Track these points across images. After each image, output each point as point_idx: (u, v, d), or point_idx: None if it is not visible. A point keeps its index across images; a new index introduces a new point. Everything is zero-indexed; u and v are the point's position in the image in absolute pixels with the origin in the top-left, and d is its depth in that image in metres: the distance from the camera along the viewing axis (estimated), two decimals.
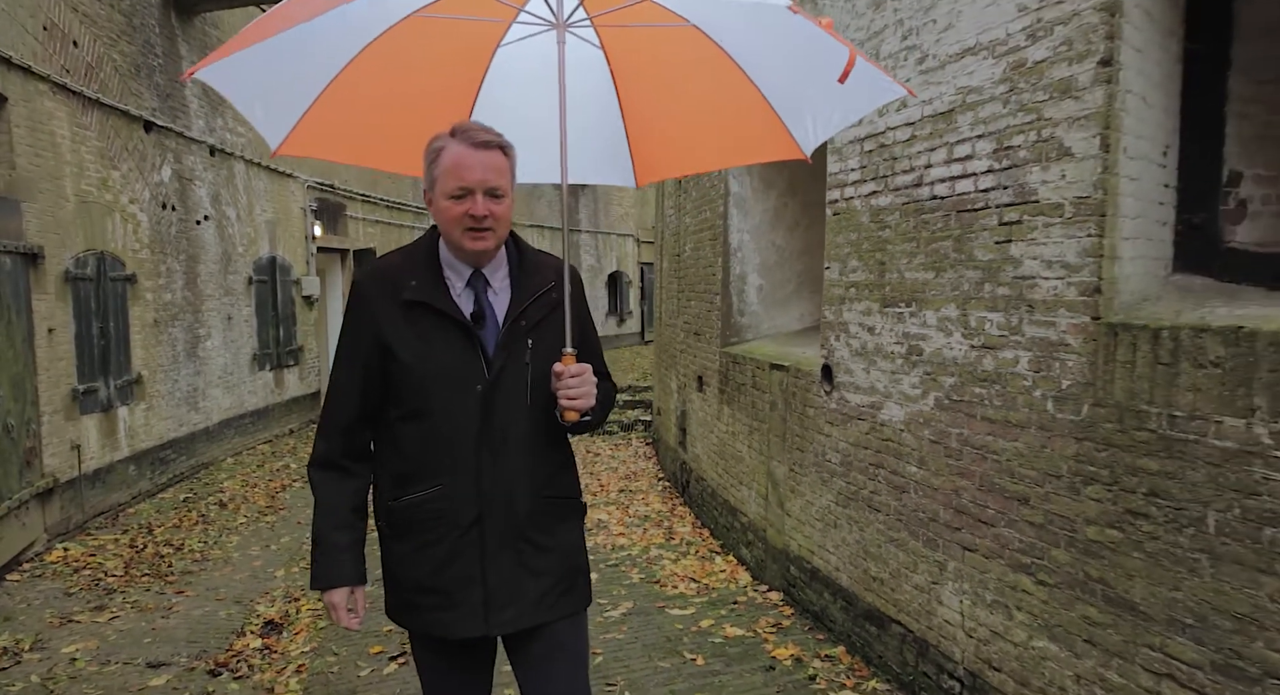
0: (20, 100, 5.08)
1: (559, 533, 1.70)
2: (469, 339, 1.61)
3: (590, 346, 1.76)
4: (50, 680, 3.52)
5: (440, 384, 1.59)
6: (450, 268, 1.65)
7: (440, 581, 1.62)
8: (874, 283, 3.39)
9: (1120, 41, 2.30)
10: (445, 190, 1.56)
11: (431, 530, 1.61)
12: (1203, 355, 2.04)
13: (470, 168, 1.54)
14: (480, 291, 1.65)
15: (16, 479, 4.82)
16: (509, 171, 1.60)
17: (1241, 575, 1.93)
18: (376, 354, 1.61)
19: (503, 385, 1.61)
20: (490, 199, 1.56)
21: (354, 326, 1.65)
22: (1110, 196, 2.33)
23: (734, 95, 1.90)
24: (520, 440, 1.63)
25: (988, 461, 2.74)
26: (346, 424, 1.66)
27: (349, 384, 1.65)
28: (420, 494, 1.61)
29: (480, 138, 1.56)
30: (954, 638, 2.92)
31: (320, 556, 1.66)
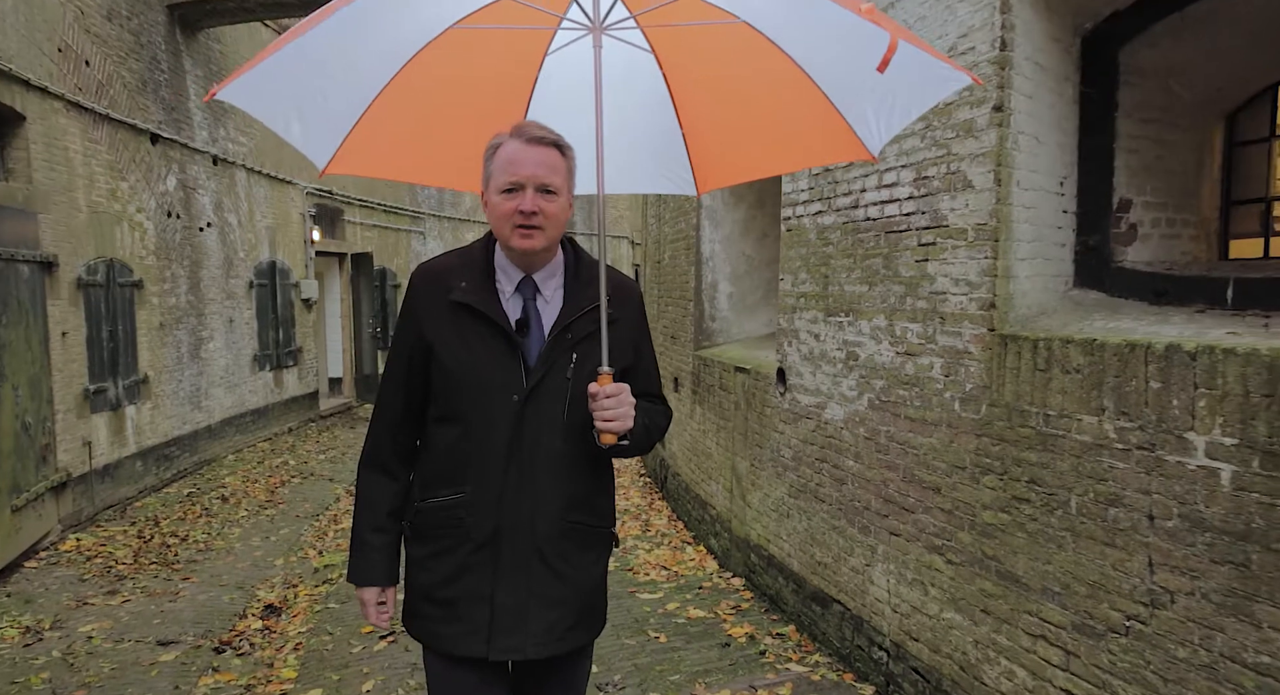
0: (37, 118, 5.42)
1: (580, 563, 1.61)
2: (511, 347, 1.55)
3: (644, 368, 1.70)
4: (70, 655, 3.86)
5: (476, 389, 1.55)
6: (502, 272, 1.60)
7: (448, 593, 1.57)
8: (819, 294, 3.74)
9: (1011, 90, 2.65)
10: (498, 185, 1.52)
11: (448, 538, 1.57)
12: (1068, 363, 2.38)
13: (522, 163, 1.50)
14: (529, 299, 1.60)
15: (34, 473, 5.16)
16: (565, 171, 1.54)
17: (1093, 549, 2.28)
18: (420, 353, 1.59)
19: (539, 398, 1.55)
20: (541, 195, 1.50)
21: (403, 324, 1.63)
22: (1003, 224, 2.67)
23: (793, 94, 1.78)
24: (551, 458, 1.56)
25: (909, 455, 3.09)
26: (392, 421, 1.64)
27: (396, 382, 1.64)
28: (442, 499, 1.57)
29: (535, 134, 1.53)
30: (882, 613, 3.26)
31: (356, 554, 1.66)
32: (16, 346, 4.98)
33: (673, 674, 3.51)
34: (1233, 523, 1.92)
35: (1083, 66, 2.97)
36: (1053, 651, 2.43)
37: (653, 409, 1.67)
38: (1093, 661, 2.29)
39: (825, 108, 1.77)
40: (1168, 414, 2.08)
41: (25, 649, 3.92)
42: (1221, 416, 1.95)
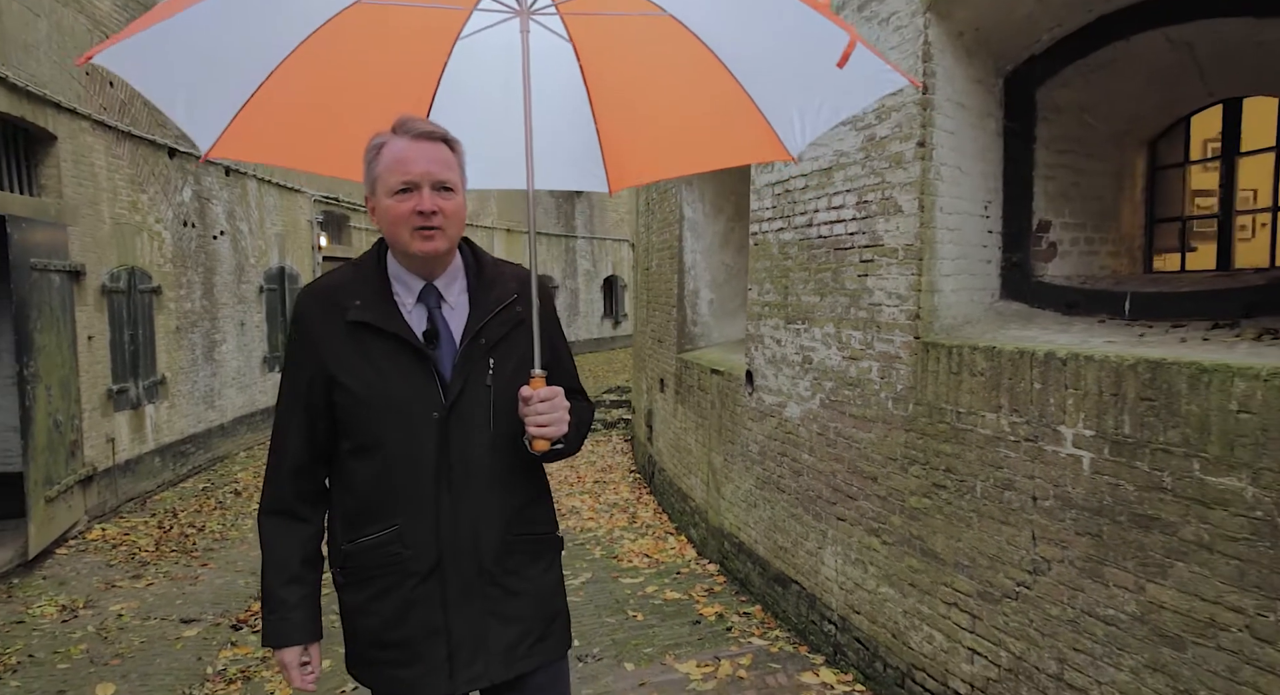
0: (67, 138, 5.84)
1: (532, 574, 1.52)
2: (422, 362, 1.43)
3: (562, 364, 1.60)
4: (104, 631, 4.27)
5: (391, 414, 1.42)
6: (399, 282, 1.47)
7: (398, 635, 1.45)
8: (781, 303, 4.11)
9: (933, 128, 3.03)
10: (388, 187, 1.40)
11: (386, 577, 1.44)
12: (974, 367, 2.76)
13: (414, 160, 1.39)
14: (433, 307, 1.48)
15: (64, 467, 5.57)
16: (457, 166, 1.45)
17: (992, 527, 2.65)
18: (321, 383, 1.44)
19: (461, 412, 1.44)
20: (438, 193, 1.40)
21: (295, 354, 1.47)
22: (927, 244, 3.05)
23: (715, 92, 1.72)
24: (484, 473, 1.46)
25: (852, 449, 3.46)
26: (295, 464, 1.49)
27: (294, 419, 1.48)
28: (373, 537, 1.44)
29: (423, 129, 1.42)
30: (831, 590, 3.64)
31: (269, 614, 1.48)
32: (49, 350, 5.39)
33: (646, 647, 3.89)
34: (1090, 501, 2.29)
35: (1005, 103, 3.34)
36: (962, 617, 2.80)
37: (579, 406, 1.56)
38: (992, 623, 2.67)
39: (747, 107, 1.71)
40: (1047, 411, 2.45)
41: (63, 624, 4.33)
42: (1083, 412, 2.32)
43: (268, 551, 1.50)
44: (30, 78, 5.33)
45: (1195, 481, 2.01)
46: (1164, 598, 2.09)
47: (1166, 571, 2.08)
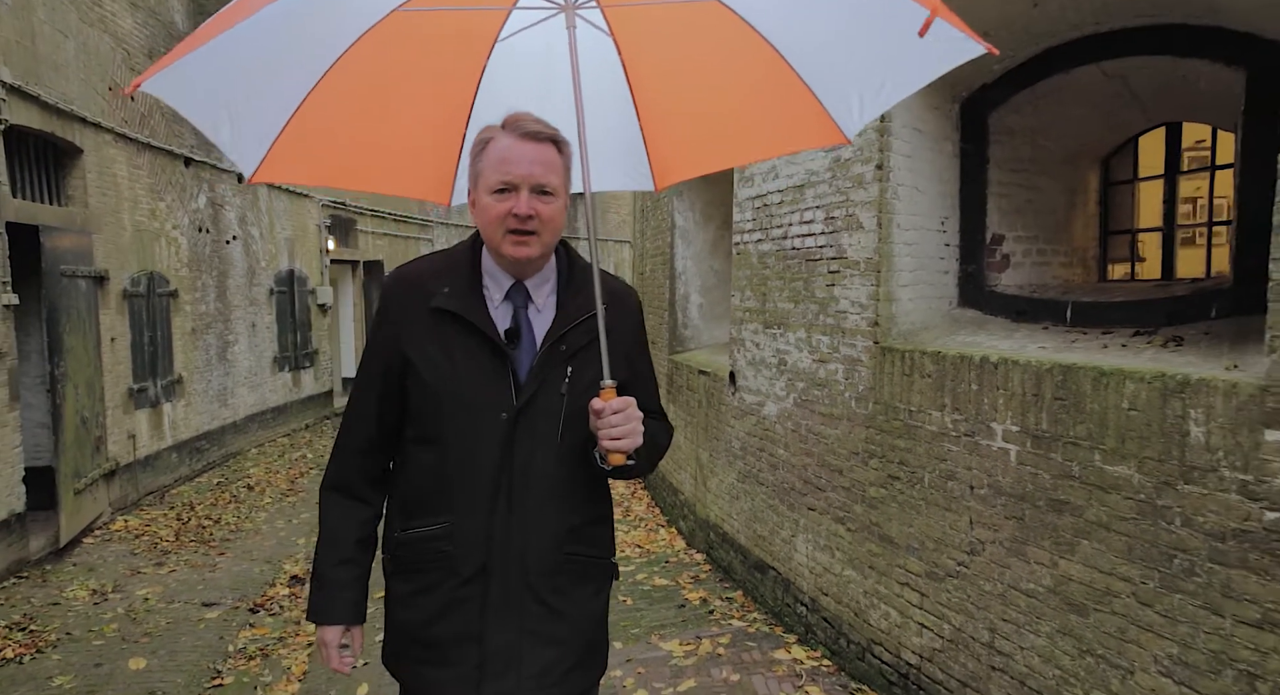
0: (92, 150, 6.18)
1: (579, 598, 1.46)
2: (499, 360, 1.40)
3: (642, 382, 1.54)
4: (132, 613, 4.60)
5: (460, 406, 1.39)
6: (490, 276, 1.45)
7: (434, 634, 1.43)
8: (760, 309, 4.42)
9: (890, 152, 3.33)
10: (488, 185, 1.37)
11: (431, 573, 1.42)
12: (923, 369, 3.06)
13: (516, 161, 1.36)
14: (520, 307, 1.45)
15: (90, 461, 5.91)
16: (562, 169, 1.41)
17: (935, 513, 2.96)
18: (397, 366, 1.43)
19: (531, 416, 1.40)
20: (537, 197, 1.37)
21: (377, 334, 1.47)
22: (884, 258, 3.35)
23: (763, 78, 1.64)
24: (545, 482, 1.41)
25: (821, 444, 3.77)
26: (362, 444, 1.48)
27: (367, 399, 1.47)
28: (424, 529, 1.42)
29: (531, 128, 1.38)
30: (803, 575, 3.95)
31: (318, 589, 1.48)
32: (76, 351, 5.73)
33: (634, 628, 4.20)
34: (1016, 488, 2.60)
35: (961, 127, 3.64)
36: (913, 594, 3.11)
37: (655, 425, 1.50)
38: (937, 599, 2.98)
39: (799, 90, 1.62)
40: (982, 409, 2.76)
41: (95, 607, 4.66)
42: (1011, 410, 2.63)
43: (325, 527, 1.50)
44: (60, 95, 5.67)
45: (1096, 470, 2.31)
46: (1072, 572, 2.40)
47: (1074, 549, 2.39)
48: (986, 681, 2.74)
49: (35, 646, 4.06)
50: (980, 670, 2.76)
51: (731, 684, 3.50)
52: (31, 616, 4.45)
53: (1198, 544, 2.03)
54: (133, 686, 3.68)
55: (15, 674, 3.79)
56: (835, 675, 3.55)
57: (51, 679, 3.73)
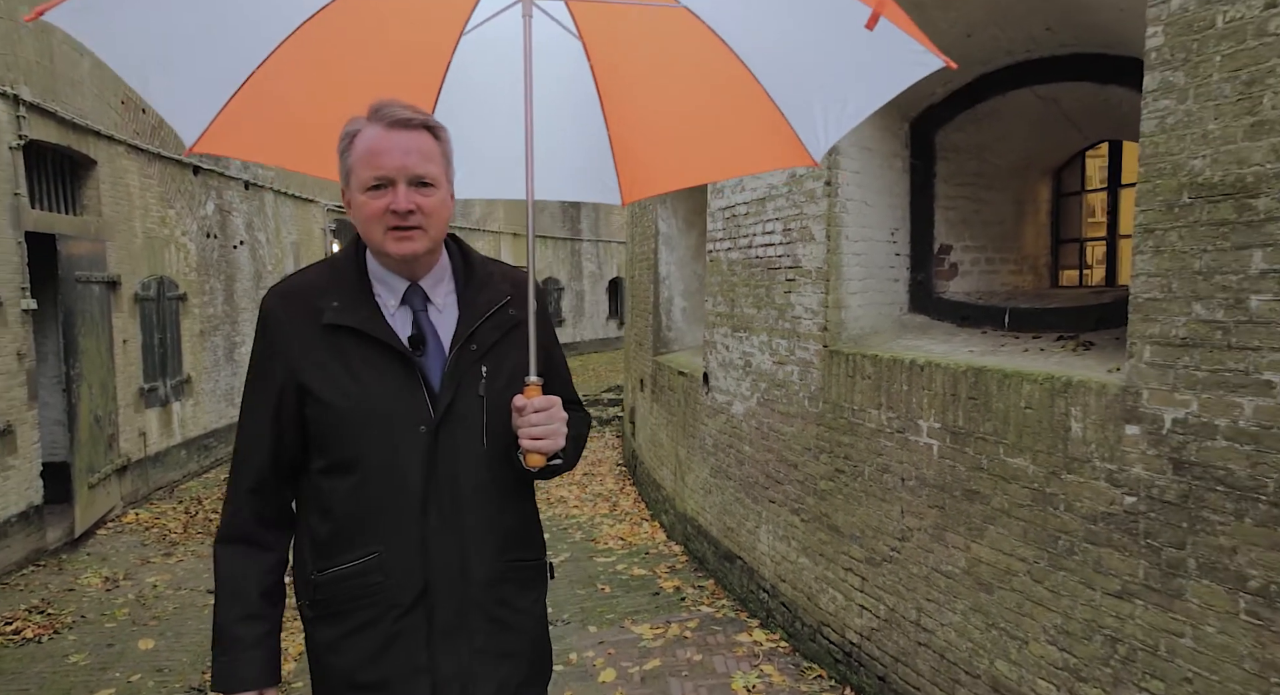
0: (105, 162, 6.51)
1: (524, 605, 1.40)
2: (408, 370, 1.31)
3: (557, 372, 1.48)
4: (142, 598, 4.91)
5: (373, 427, 1.29)
6: (380, 282, 1.35)
7: (375, 675, 1.32)
8: (729, 314, 4.69)
9: (839, 169, 3.59)
10: (362, 182, 1.28)
11: (364, 610, 1.31)
12: (864, 371, 3.32)
13: (388, 152, 1.26)
14: (419, 310, 1.36)
15: (103, 457, 6.24)
16: (440, 156, 1.31)
17: (873, 503, 3.22)
18: (291, 393, 1.31)
19: (452, 424, 1.32)
20: (416, 190, 1.28)
21: (262, 361, 1.34)
22: (833, 268, 3.61)
23: (733, 94, 1.61)
24: (476, 493, 1.33)
25: (780, 441, 4.03)
26: (256, 483, 1.35)
27: (258, 434, 1.34)
28: (349, 565, 1.31)
29: (401, 115, 1.28)
30: (765, 564, 4.21)
31: (222, 653, 1.33)
32: (90, 353, 6.06)
33: (609, 613, 4.48)
34: (937, 480, 2.86)
35: (911, 144, 3.90)
36: (855, 579, 3.37)
37: (576, 418, 1.44)
38: (874, 583, 3.23)
39: (767, 108, 1.60)
40: (911, 407, 3.01)
41: (108, 593, 4.98)
42: (934, 409, 2.88)
43: (221, 583, 1.35)
44: (76, 111, 5.99)
45: (1000, 462, 2.57)
46: (981, 554, 2.65)
47: (983, 534, 2.65)
48: (914, 656, 2.99)
49: (53, 628, 4.37)
50: (909, 646, 3.02)
51: (694, 663, 3.77)
52: (49, 601, 4.77)
53: (1076, 526, 2.28)
54: (142, 664, 3.98)
55: (35, 652, 4.10)
56: (790, 655, 3.81)
57: (68, 657, 4.04)
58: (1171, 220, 2.02)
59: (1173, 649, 2.01)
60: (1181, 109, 2.00)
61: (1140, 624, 2.09)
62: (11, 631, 4.28)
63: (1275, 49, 1.77)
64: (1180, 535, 1.99)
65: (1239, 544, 1.85)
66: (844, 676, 3.44)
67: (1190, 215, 1.97)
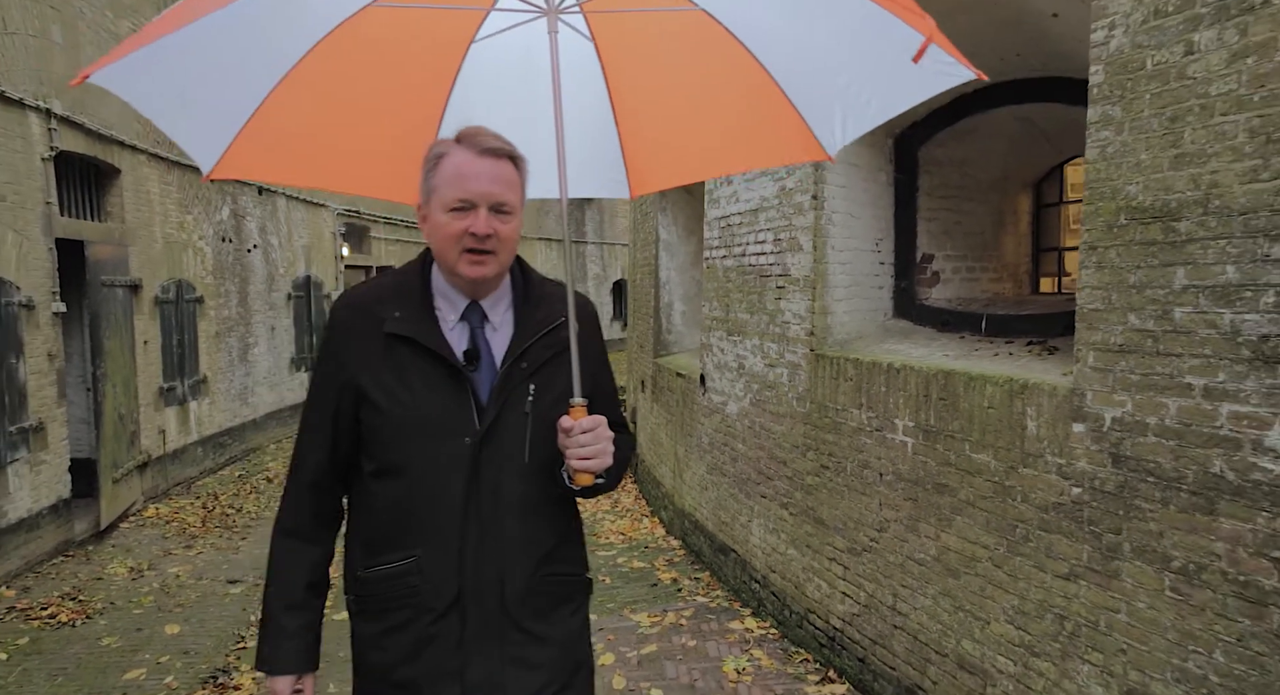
0: (129, 170, 6.78)
1: (558, 619, 1.43)
2: (458, 383, 1.37)
3: (604, 394, 1.52)
4: (165, 587, 5.17)
5: (421, 435, 1.35)
6: (443, 297, 1.41)
7: (408, 674, 1.37)
8: (724, 318, 4.92)
9: (825, 184, 3.82)
10: (444, 202, 1.34)
11: (401, 610, 1.37)
12: (846, 373, 3.55)
13: (475, 177, 1.32)
14: (476, 327, 1.42)
15: (126, 453, 6.50)
16: (519, 186, 1.38)
17: (855, 497, 3.45)
18: (349, 396, 1.38)
19: (496, 439, 1.37)
20: (495, 216, 1.34)
21: (325, 364, 1.43)
22: (819, 276, 3.84)
23: (746, 90, 1.64)
24: (515, 505, 1.37)
25: (770, 439, 4.26)
26: (314, 480, 1.43)
27: (318, 433, 1.42)
28: (391, 566, 1.37)
29: (489, 144, 1.35)
30: (756, 555, 4.44)
31: (266, 637, 1.42)
32: (114, 353, 6.33)
33: (609, 603, 4.71)
34: (911, 474, 3.09)
35: (895, 159, 4.13)
36: (838, 568, 3.60)
37: (620, 439, 1.46)
38: (855, 571, 3.46)
39: (781, 105, 1.62)
40: (888, 407, 3.24)
41: (133, 582, 5.24)
42: (908, 408, 3.11)
43: (273, 572, 1.45)
44: (101, 122, 6.27)
45: (966, 458, 2.80)
46: (950, 543, 2.88)
47: (951, 523, 2.88)
48: (891, 639, 3.22)
49: (84, 613, 4.63)
50: (886, 630, 3.25)
51: (688, 648, 4.00)
52: (79, 588, 5.03)
53: (1031, 515, 2.51)
54: (170, 647, 4.24)
55: (70, 635, 4.37)
56: (779, 641, 4.04)
57: (100, 639, 4.30)
58: (1111, 239, 2.25)
59: (1110, 624, 2.24)
60: (1119, 139, 2.22)
61: (1084, 602, 2.32)
62: (47, 616, 4.55)
63: (1193, 91, 2.00)
64: (1117, 522, 2.22)
65: (1165, 529, 2.08)
66: (828, 660, 3.67)
67: (1126, 235, 2.20)
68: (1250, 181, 1.89)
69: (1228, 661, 1.93)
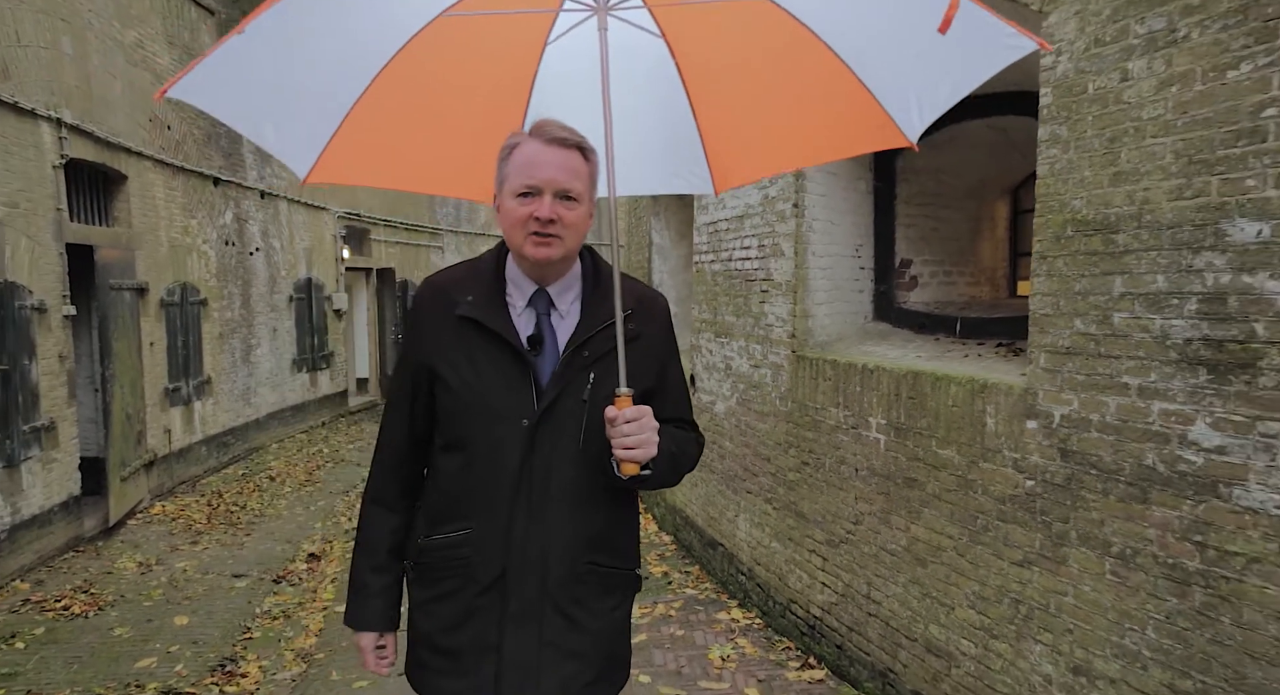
0: (135, 176, 6.96)
1: (599, 610, 1.46)
2: (522, 366, 1.42)
3: (669, 389, 1.54)
4: (173, 581, 5.34)
5: (482, 413, 1.41)
6: (514, 284, 1.47)
7: (451, 642, 1.44)
8: (712, 321, 5.10)
9: (805, 193, 3.99)
10: (513, 189, 1.40)
11: (451, 579, 1.44)
12: (825, 374, 3.73)
13: (541, 165, 1.38)
14: (543, 313, 1.46)
15: (133, 452, 6.68)
16: (587, 176, 1.42)
17: (832, 491, 3.63)
18: (425, 373, 1.47)
19: (553, 422, 1.41)
20: (560, 202, 1.38)
21: (408, 344, 1.52)
22: (800, 281, 4.02)
23: (820, 77, 1.64)
24: (566, 491, 1.41)
25: (755, 436, 4.44)
26: (396, 450, 1.53)
27: (400, 408, 1.51)
28: (447, 536, 1.45)
29: (557, 134, 1.40)
30: (743, 549, 4.61)
31: (353, 596, 1.54)
32: (122, 355, 6.50)
33: None
34: (884, 469, 3.26)
35: (874, 168, 4.30)
36: (817, 559, 3.78)
37: (680, 435, 1.50)
38: (833, 562, 3.64)
39: (857, 90, 1.61)
40: (863, 406, 3.42)
41: (142, 576, 5.41)
42: (880, 406, 3.29)
43: (361, 536, 1.56)
44: (109, 130, 6.44)
45: (933, 453, 2.97)
46: (918, 534, 3.06)
47: (920, 515, 3.05)
48: (865, 626, 3.40)
49: (96, 605, 4.81)
50: (861, 617, 3.43)
51: (676, 638, 4.18)
52: (90, 582, 5.21)
53: (990, 506, 2.69)
54: (179, 637, 4.41)
55: (83, 626, 4.54)
56: (763, 631, 4.22)
57: (112, 630, 4.48)
58: (1059, 249, 2.42)
59: (1059, 606, 2.41)
60: (1065, 157, 2.40)
61: (1036, 587, 2.50)
62: (61, 607, 4.72)
63: (1129, 114, 2.18)
64: (1065, 511, 2.39)
65: (1105, 517, 2.26)
66: (808, 647, 3.84)
67: (1072, 246, 2.37)
68: (1176, 198, 2.06)
69: (1158, 637, 2.10)
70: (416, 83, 1.62)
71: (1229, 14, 1.91)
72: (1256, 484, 1.88)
